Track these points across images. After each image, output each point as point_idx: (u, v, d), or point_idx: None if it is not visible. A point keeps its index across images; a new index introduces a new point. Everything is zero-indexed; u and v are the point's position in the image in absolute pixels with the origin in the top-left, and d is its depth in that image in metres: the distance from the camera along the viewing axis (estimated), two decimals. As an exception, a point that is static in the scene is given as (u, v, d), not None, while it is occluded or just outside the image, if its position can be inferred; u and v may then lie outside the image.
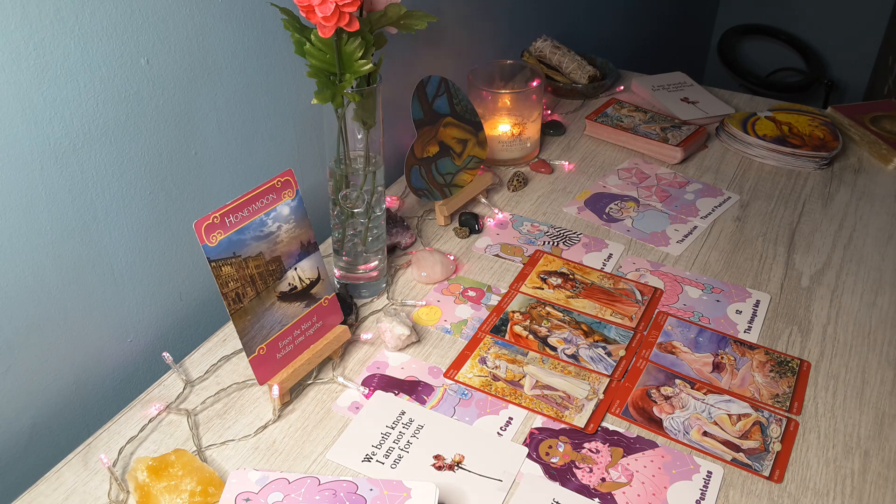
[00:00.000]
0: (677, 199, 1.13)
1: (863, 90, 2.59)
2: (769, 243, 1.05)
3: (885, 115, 1.32)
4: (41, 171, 0.70)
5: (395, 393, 0.80)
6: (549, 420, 0.78)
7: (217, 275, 0.71)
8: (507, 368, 0.83)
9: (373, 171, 0.86)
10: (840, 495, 0.71)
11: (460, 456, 0.74)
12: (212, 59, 0.83)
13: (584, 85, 1.36)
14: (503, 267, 0.99)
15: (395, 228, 1.01)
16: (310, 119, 0.99)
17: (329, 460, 0.73)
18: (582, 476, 0.72)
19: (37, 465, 0.77)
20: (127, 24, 0.73)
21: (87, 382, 0.82)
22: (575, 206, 1.11)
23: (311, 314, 0.80)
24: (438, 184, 1.04)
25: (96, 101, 0.73)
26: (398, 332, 0.84)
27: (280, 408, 0.78)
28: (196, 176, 0.87)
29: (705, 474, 0.73)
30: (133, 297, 0.84)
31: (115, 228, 0.79)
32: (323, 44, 0.76)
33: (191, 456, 0.70)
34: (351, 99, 0.79)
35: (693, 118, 1.30)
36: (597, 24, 1.80)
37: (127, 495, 0.69)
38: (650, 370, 0.84)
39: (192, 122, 0.84)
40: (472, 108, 1.08)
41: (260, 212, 0.74)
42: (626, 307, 0.92)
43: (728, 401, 0.80)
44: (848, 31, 2.64)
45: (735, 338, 0.89)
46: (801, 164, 1.21)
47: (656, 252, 1.03)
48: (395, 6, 0.79)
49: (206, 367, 0.83)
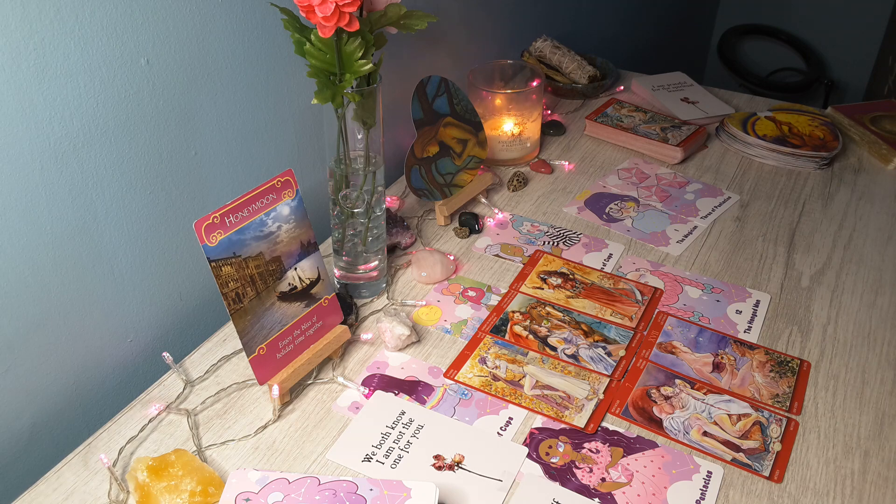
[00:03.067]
0: (677, 199, 1.13)
1: (863, 90, 2.59)
2: (769, 243, 1.05)
3: (885, 115, 1.32)
4: (41, 171, 0.70)
5: (395, 393, 0.80)
6: (549, 420, 0.78)
7: (217, 275, 0.71)
8: (507, 368, 0.83)
9: (373, 171, 0.86)
10: (840, 495, 0.71)
11: (460, 456, 0.74)
12: (212, 59, 0.83)
13: (584, 85, 1.36)
14: (503, 267, 0.99)
15: (395, 228, 1.01)
16: (310, 119, 0.99)
17: (329, 460, 0.73)
18: (582, 476, 0.72)
19: (37, 465, 0.77)
20: (127, 24, 0.73)
21: (87, 382, 0.82)
22: (575, 206, 1.11)
23: (311, 314, 0.80)
24: (438, 184, 1.04)
25: (96, 101, 0.73)
26: (398, 332, 0.84)
27: (280, 408, 0.78)
28: (196, 176, 0.87)
29: (705, 474, 0.73)
30: (133, 297, 0.84)
31: (115, 228, 0.79)
32: (323, 44, 0.76)
33: (191, 456, 0.70)
34: (351, 99, 0.79)
35: (693, 118, 1.30)
36: (597, 24, 1.80)
37: (127, 495, 0.69)
38: (650, 370, 0.84)
39: (192, 122, 0.84)
40: (472, 108, 1.08)
41: (260, 212, 0.74)
42: (626, 307, 0.92)
43: (728, 401, 0.80)
44: (848, 31, 2.64)
45: (735, 338, 0.89)
46: (801, 164, 1.21)
47: (656, 252, 1.03)
48: (395, 6, 0.79)
49: (206, 367, 0.83)
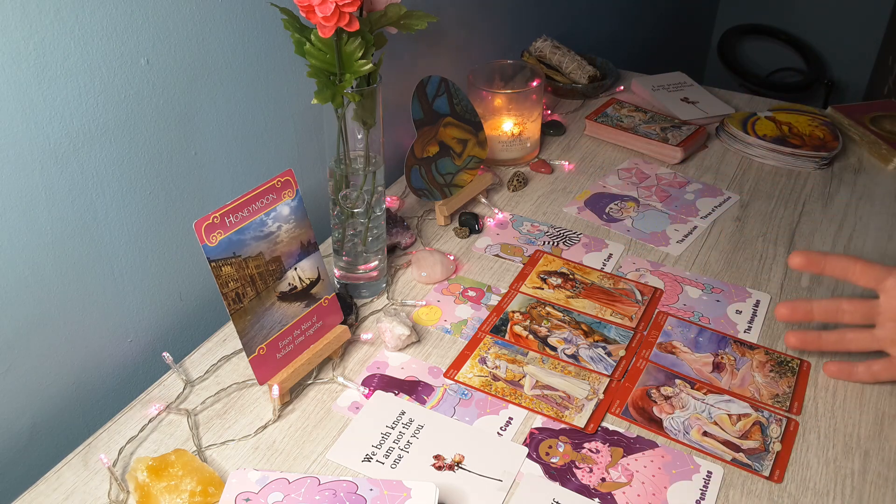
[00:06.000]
0: (677, 199, 1.13)
1: (863, 90, 2.59)
2: (769, 243, 1.05)
3: (885, 115, 1.32)
4: (41, 171, 0.70)
5: (395, 393, 0.80)
6: (549, 420, 0.78)
7: (217, 275, 0.71)
8: (507, 368, 0.83)
9: (373, 171, 0.86)
10: (840, 495, 0.71)
11: (460, 456, 0.74)
12: (212, 59, 0.83)
13: (584, 85, 1.36)
14: (503, 267, 0.99)
15: (395, 228, 1.01)
16: (310, 119, 0.99)
17: (329, 460, 0.73)
18: (582, 476, 0.72)
19: (37, 465, 0.77)
20: (127, 24, 0.73)
21: (87, 382, 0.82)
22: (575, 206, 1.11)
23: (311, 314, 0.80)
24: (438, 184, 1.04)
25: (96, 101, 0.73)
26: (398, 332, 0.84)
27: (280, 408, 0.78)
28: (196, 176, 0.87)
29: (705, 474, 0.73)
30: (133, 297, 0.84)
31: (115, 228, 0.79)
32: (323, 44, 0.76)
33: (191, 456, 0.70)
34: (351, 99, 0.79)
35: (693, 118, 1.30)
36: (597, 24, 1.80)
37: (127, 495, 0.69)
38: (650, 370, 0.84)
39: (192, 122, 0.84)
40: (472, 108, 1.08)
41: (260, 212, 0.74)
42: (626, 307, 0.92)
43: (728, 401, 0.80)
44: (848, 31, 2.64)
45: (735, 338, 0.89)
46: (801, 164, 1.21)
47: (656, 252, 1.03)
48: (395, 6, 0.79)
49: (206, 367, 0.83)
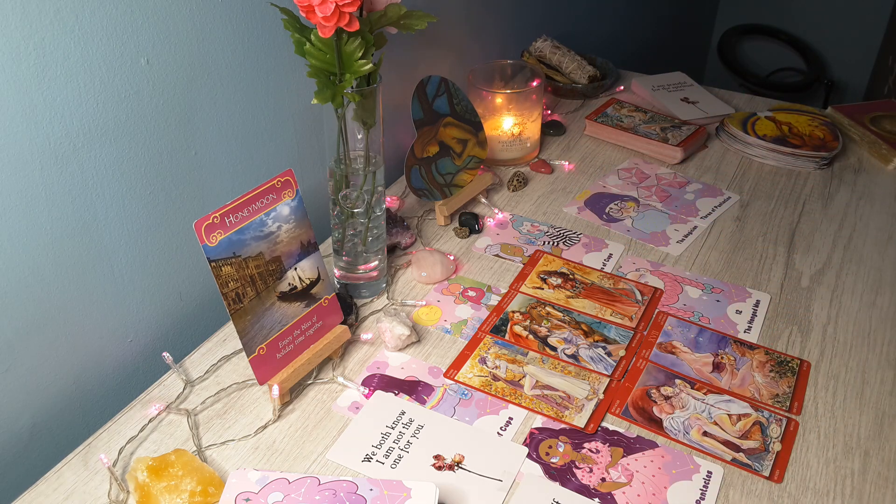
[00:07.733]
0: (677, 199, 1.13)
1: (863, 90, 2.59)
2: (769, 243, 1.05)
3: (885, 115, 1.32)
4: (41, 171, 0.70)
5: (395, 393, 0.80)
6: (549, 420, 0.78)
7: (217, 275, 0.71)
8: (507, 368, 0.83)
9: (373, 171, 0.86)
10: (840, 495, 0.71)
11: (460, 456, 0.74)
12: (212, 59, 0.83)
13: (584, 85, 1.36)
14: (503, 267, 0.99)
15: (395, 228, 1.01)
16: (310, 119, 0.99)
17: (329, 460, 0.73)
18: (582, 476, 0.72)
19: (37, 465, 0.77)
20: (127, 24, 0.73)
21: (87, 382, 0.82)
22: (575, 206, 1.11)
23: (311, 314, 0.80)
24: (438, 184, 1.04)
25: (96, 101, 0.73)
26: (398, 332, 0.84)
27: (280, 408, 0.78)
28: (196, 176, 0.87)
29: (705, 474, 0.73)
30: (133, 297, 0.84)
31: (115, 228, 0.79)
32: (323, 44, 0.76)
33: (191, 456, 0.70)
34: (351, 99, 0.79)
35: (693, 118, 1.30)
36: (597, 24, 1.80)
37: (127, 495, 0.69)
38: (650, 370, 0.84)
39: (192, 122, 0.84)
40: (472, 108, 1.08)
41: (260, 212, 0.74)
42: (626, 307, 0.92)
43: (728, 401, 0.80)
44: (848, 31, 2.64)
45: (735, 338, 0.89)
46: (801, 164, 1.21)
47: (656, 252, 1.03)
48: (395, 6, 0.79)
49: (206, 367, 0.83)
